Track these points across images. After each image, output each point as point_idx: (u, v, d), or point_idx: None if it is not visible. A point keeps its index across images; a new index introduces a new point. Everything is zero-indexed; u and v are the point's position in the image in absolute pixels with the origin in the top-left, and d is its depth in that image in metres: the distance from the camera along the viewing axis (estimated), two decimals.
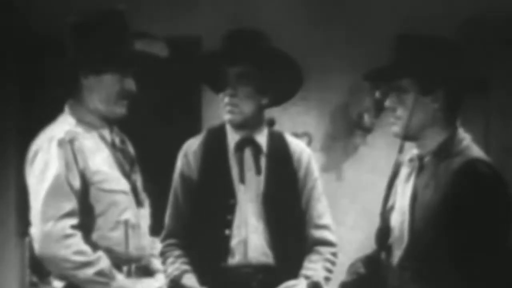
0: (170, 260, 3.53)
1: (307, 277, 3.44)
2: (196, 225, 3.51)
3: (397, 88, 3.01)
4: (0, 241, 5.64)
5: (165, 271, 3.57)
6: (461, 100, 3.03)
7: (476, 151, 2.97)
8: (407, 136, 3.02)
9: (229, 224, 3.45)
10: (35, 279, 3.19)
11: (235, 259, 3.45)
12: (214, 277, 3.45)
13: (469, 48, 5.16)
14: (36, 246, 3.10)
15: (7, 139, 5.63)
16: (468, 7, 5.44)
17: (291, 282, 3.42)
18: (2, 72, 5.59)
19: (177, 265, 3.51)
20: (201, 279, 3.47)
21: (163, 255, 3.57)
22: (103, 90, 3.22)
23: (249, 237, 3.45)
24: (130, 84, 3.26)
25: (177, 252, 3.54)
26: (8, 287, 5.64)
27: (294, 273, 3.46)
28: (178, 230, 3.56)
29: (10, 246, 5.61)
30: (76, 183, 3.13)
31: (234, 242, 3.45)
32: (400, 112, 3.01)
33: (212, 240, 3.48)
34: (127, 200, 3.25)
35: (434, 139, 3.00)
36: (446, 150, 2.97)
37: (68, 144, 3.14)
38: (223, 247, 3.45)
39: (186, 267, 3.49)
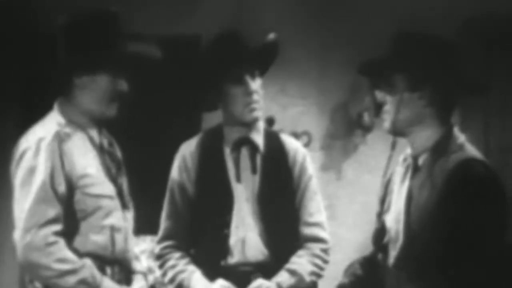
0: (170, 263, 3.53)
1: (289, 271, 3.45)
2: (195, 226, 3.52)
3: (388, 83, 3.02)
4: (0, 241, 5.63)
5: (163, 274, 3.56)
6: (453, 99, 3.03)
7: (471, 151, 2.97)
8: (396, 131, 3.03)
9: (227, 224, 3.46)
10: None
11: (234, 258, 3.46)
12: (214, 276, 3.45)
13: (468, 47, 5.18)
14: (19, 253, 3.09)
15: (6, 138, 5.62)
16: (468, 7, 5.44)
17: (266, 284, 3.43)
18: (2, 72, 5.59)
19: (180, 267, 3.50)
20: None
21: (161, 257, 3.56)
22: (96, 90, 3.21)
23: (247, 235, 3.46)
24: (122, 86, 3.25)
25: (177, 254, 3.54)
26: (7, 286, 5.63)
27: None
28: (176, 231, 3.55)
29: (10, 246, 5.60)
30: (62, 188, 3.11)
31: (232, 241, 3.45)
32: (388, 107, 3.02)
33: (212, 240, 3.48)
34: (112, 204, 3.23)
35: (427, 137, 2.99)
36: (441, 149, 2.97)
37: (56, 147, 3.12)
38: (223, 247, 3.46)
39: (192, 267, 3.49)
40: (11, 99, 5.69)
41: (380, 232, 3.08)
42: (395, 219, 3.02)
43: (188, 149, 3.58)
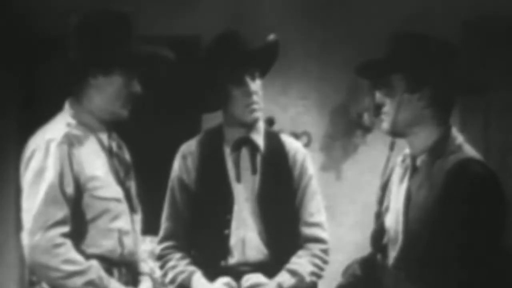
0: (171, 263, 3.53)
1: (290, 271, 3.46)
2: (195, 226, 3.52)
3: (386, 84, 3.02)
4: (0, 241, 5.64)
5: (164, 275, 3.56)
6: (451, 100, 3.03)
7: (469, 151, 2.97)
8: (395, 132, 3.03)
9: (228, 224, 3.47)
10: (34, 278, 3.18)
11: (234, 258, 3.46)
12: (214, 277, 3.46)
13: (467, 48, 5.18)
14: (26, 254, 3.09)
15: (6, 138, 5.63)
16: (467, 7, 5.44)
17: (261, 279, 3.43)
18: (3, 72, 5.60)
19: (180, 267, 3.51)
20: None
21: (161, 258, 3.56)
22: (110, 91, 3.21)
23: (247, 235, 3.47)
24: (136, 87, 3.26)
25: (178, 255, 3.54)
26: (7, 286, 5.64)
27: None
28: (177, 231, 3.56)
29: (10, 246, 5.61)
30: (70, 190, 3.11)
31: (232, 241, 3.46)
32: (387, 108, 3.02)
33: (212, 240, 3.49)
34: (120, 207, 3.23)
35: (425, 138, 3.00)
36: (439, 149, 2.97)
37: (66, 149, 3.12)
38: (223, 247, 3.46)
39: (192, 268, 3.50)
40: (11, 98, 5.69)
41: (379, 233, 3.08)
42: (394, 219, 3.03)
43: (188, 149, 3.59)
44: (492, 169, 2.91)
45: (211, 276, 3.47)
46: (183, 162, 3.56)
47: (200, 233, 3.51)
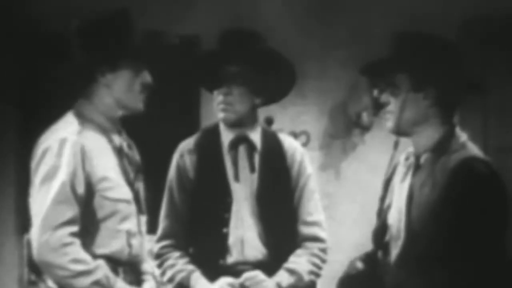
0: (169, 262, 3.53)
1: (288, 270, 3.47)
2: (194, 225, 3.52)
3: (391, 83, 3.03)
4: (0, 241, 5.65)
5: (162, 273, 3.56)
6: (455, 99, 3.04)
7: (473, 150, 2.98)
8: (400, 131, 3.04)
9: (226, 222, 3.47)
10: (33, 277, 3.19)
11: (233, 257, 3.46)
12: (213, 275, 3.46)
13: (467, 47, 5.19)
14: (34, 252, 3.10)
15: (6, 138, 5.63)
16: (467, 7, 5.45)
17: (261, 276, 3.43)
18: (2, 72, 5.60)
19: (179, 266, 3.51)
20: None
21: (160, 257, 3.57)
22: (121, 85, 3.21)
23: (245, 234, 3.47)
24: (147, 77, 3.26)
25: (176, 254, 3.54)
26: (7, 285, 5.64)
27: None
28: (175, 230, 3.56)
29: (9, 245, 5.62)
30: (81, 190, 3.11)
31: (231, 240, 3.46)
32: (392, 107, 3.02)
33: (210, 239, 3.49)
34: (129, 209, 3.23)
35: (429, 136, 3.01)
36: (443, 148, 2.98)
37: (78, 148, 3.12)
38: (221, 246, 3.47)
39: (191, 267, 3.50)
40: (11, 98, 5.70)
41: (380, 230, 3.09)
42: (396, 217, 3.03)
43: (186, 148, 3.59)
44: (495, 168, 2.92)
45: (210, 275, 3.47)
46: (181, 160, 3.57)
47: (198, 231, 3.51)
